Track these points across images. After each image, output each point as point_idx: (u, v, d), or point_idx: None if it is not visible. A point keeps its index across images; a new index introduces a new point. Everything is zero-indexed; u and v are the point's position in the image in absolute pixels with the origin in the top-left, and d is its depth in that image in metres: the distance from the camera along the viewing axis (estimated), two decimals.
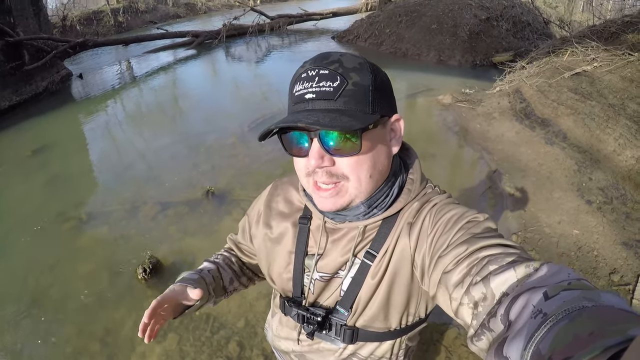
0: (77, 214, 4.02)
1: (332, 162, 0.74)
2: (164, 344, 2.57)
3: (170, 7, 20.87)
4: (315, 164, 0.72)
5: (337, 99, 0.69)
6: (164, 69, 10.42)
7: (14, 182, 4.84)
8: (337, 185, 0.76)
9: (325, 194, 0.77)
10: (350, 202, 0.79)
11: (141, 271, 3.10)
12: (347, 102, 0.70)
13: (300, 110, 0.71)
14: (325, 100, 0.69)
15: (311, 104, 0.70)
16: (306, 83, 0.71)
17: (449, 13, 10.41)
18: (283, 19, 14.52)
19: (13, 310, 2.93)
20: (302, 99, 0.71)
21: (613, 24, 6.47)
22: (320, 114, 0.68)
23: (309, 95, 0.70)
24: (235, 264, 1.14)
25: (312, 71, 0.71)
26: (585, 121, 4.66)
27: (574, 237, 3.26)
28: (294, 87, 0.74)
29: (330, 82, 0.69)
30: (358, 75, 0.71)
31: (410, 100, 6.96)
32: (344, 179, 0.75)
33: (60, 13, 14.89)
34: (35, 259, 3.47)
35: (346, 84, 0.69)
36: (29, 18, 8.43)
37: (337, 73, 0.70)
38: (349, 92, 0.70)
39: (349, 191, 0.77)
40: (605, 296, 0.42)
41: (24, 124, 6.74)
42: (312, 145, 0.72)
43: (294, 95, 0.73)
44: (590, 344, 0.34)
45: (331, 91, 0.69)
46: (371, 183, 0.77)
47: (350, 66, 0.71)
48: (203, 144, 5.53)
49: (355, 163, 0.74)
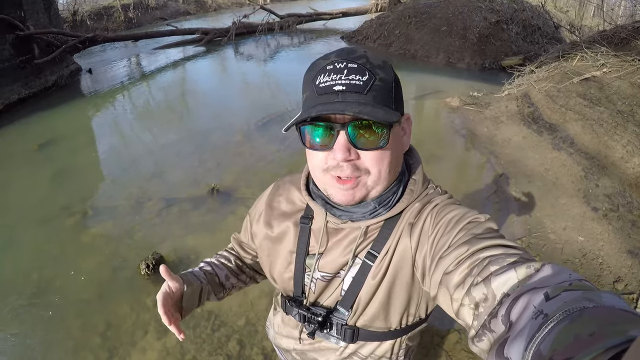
0: (82, 209, 4.05)
1: (357, 155, 0.74)
2: (164, 340, 2.58)
3: (180, 4, 20.97)
4: (343, 157, 0.72)
5: (367, 93, 0.70)
6: (172, 65, 10.48)
7: (20, 176, 4.88)
8: (357, 179, 0.76)
9: (346, 186, 0.77)
10: (367, 196, 0.80)
11: (144, 267, 3.11)
12: (376, 97, 0.70)
13: (332, 102, 0.70)
14: (356, 94, 0.70)
15: (341, 95, 0.70)
16: (333, 75, 0.71)
17: (459, 15, 10.39)
18: (292, 18, 14.54)
19: (16, 303, 2.95)
20: (330, 90, 0.71)
21: (623, 29, 6.42)
22: (357, 106, 0.68)
23: (338, 87, 0.70)
24: (233, 262, 1.14)
25: (339, 63, 0.71)
26: (594, 127, 4.62)
27: (578, 244, 3.23)
28: (317, 78, 0.73)
29: (360, 76, 0.70)
30: (383, 72, 0.72)
31: (419, 102, 6.95)
32: (366, 173, 0.76)
33: (70, 8, 15.00)
34: (39, 252, 3.50)
35: (374, 79, 0.70)
36: (39, 12, 8.50)
37: (366, 68, 0.70)
38: (377, 87, 0.71)
39: (368, 184, 0.77)
40: (606, 297, 0.42)
41: (32, 118, 6.80)
42: (338, 138, 0.72)
43: (318, 86, 0.72)
44: (591, 344, 0.34)
45: (361, 85, 0.70)
46: (388, 178, 0.79)
47: (376, 63, 0.72)
48: (209, 141, 5.56)
49: (379, 157, 0.75)
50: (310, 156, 0.80)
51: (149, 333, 2.64)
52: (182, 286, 0.92)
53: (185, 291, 0.92)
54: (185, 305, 0.93)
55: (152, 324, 2.70)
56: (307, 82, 0.76)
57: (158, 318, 2.72)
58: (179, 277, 0.92)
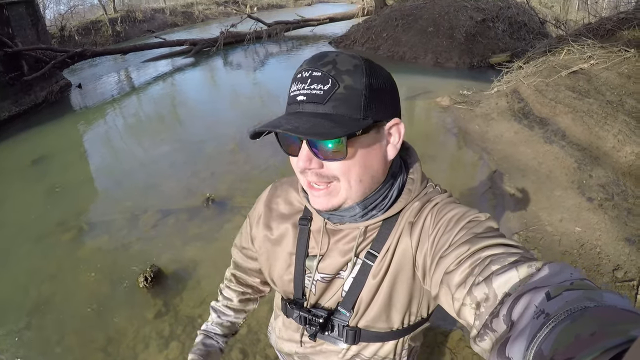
0: (77, 224, 4.02)
1: (321, 164, 0.73)
2: (166, 353, 2.56)
3: (167, 16, 20.99)
4: (303, 166, 0.72)
5: (326, 102, 0.68)
6: (162, 77, 10.46)
7: (14, 192, 4.85)
8: (329, 186, 0.75)
9: (318, 193, 0.76)
10: (343, 203, 0.78)
11: (142, 280, 3.09)
12: (337, 107, 0.68)
13: (291, 113, 0.71)
14: (314, 104, 0.68)
15: (301, 106, 0.70)
16: (300, 84, 0.70)
17: (445, 16, 10.46)
18: (280, 26, 14.59)
19: (14, 320, 2.92)
20: (295, 100, 0.71)
21: (608, 21, 6.50)
22: (305, 118, 0.67)
23: (300, 97, 0.70)
24: (236, 300, 1.19)
25: (306, 72, 0.70)
26: (584, 119, 4.66)
27: (576, 235, 3.25)
28: (290, 87, 0.73)
29: (321, 85, 0.68)
30: (351, 79, 0.69)
31: (409, 103, 6.98)
32: (335, 179, 0.74)
33: (58, 23, 14.99)
34: (36, 268, 3.47)
35: (337, 87, 0.68)
36: (27, 28, 8.49)
37: (329, 75, 0.68)
38: (339, 95, 0.68)
39: (341, 192, 0.76)
40: (607, 296, 0.42)
41: (23, 135, 6.76)
42: (302, 147, 0.72)
43: (289, 95, 0.73)
44: (592, 344, 0.33)
45: (321, 94, 0.68)
46: (361, 187, 0.76)
47: (344, 68, 0.69)
48: (202, 151, 5.54)
49: (343, 167, 0.73)
50: (290, 159, 0.79)
51: (150, 346, 2.62)
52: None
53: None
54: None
55: (153, 337, 2.68)
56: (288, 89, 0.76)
57: (159, 330, 2.70)
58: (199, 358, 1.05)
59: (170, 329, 2.74)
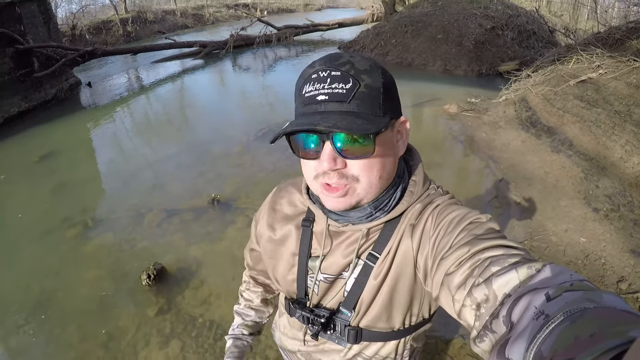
0: (83, 220, 4.04)
1: (344, 164, 0.73)
2: (166, 351, 2.57)
3: (178, 17, 21.17)
4: (328, 167, 0.71)
5: (351, 101, 0.69)
6: (171, 78, 10.54)
7: (20, 188, 4.89)
8: (347, 187, 0.75)
9: (335, 194, 0.76)
10: (359, 203, 0.78)
11: (145, 277, 3.10)
12: (360, 105, 0.69)
13: (313, 112, 0.70)
14: (339, 103, 0.69)
15: (324, 105, 0.69)
16: (317, 84, 0.70)
17: (455, 23, 10.47)
18: (290, 30, 14.67)
19: (17, 315, 2.94)
20: (314, 101, 0.70)
21: (618, 30, 6.47)
22: (337, 116, 0.67)
23: (321, 97, 0.69)
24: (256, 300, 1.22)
25: (323, 72, 0.70)
26: (592, 128, 4.63)
27: (581, 245, 3.23)
28: (303, 88, 0.73)
29: (343, 84, 0.69)
30: (369, 78, 0.70)
31: (417, 109, 6.97)
32: (355, 180, 0.75)
33: (69, 22, 15.15)
34: (40, 264, 3.50)
35: (358, 86, 0.69)
36: (38, 26, 8.59)
37: (349, 75, 0.69)
38: (362, 94, 0.69)
39: (358, 192, 0.76)
40: (607, 297, 0.42)
41: (32, 131, 6.83)
42: (324, 148, 0.72)
43: (304, 96, 0.72)
44: (591, 345, 0.33)
45: (344, 93, 0.68)
46: (380, 185, 0.77)
47: (362, 68, 0.70)
48: (209, 152, 5.57)
49: (366, 165, 0.73)
50: (302, 165, 0.79)
51: (151, 344, 2.63)
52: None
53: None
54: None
55: (153, 334, 2.69)
56: (296, 91, 0.75)
57: (160, 328, 2.71)
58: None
59: (171, 327, 2.75)
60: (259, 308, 1.21)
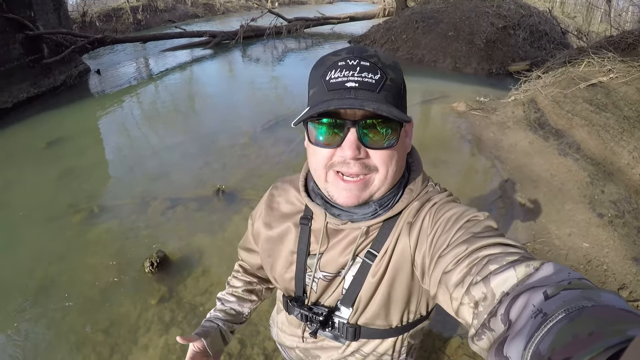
0: (88, 207, 4.07)
1: (367, 154, 0.74)
2: (166, 338, 2.59)
3: (188, 6, 21.11)
4: (352, 155, 0.71)
5: (380, 92, 0.69)
6: (180, 67, 10.54)
7: (27, 173, 4.92)
8: (365, 178, 0.76)
9: (351, 186, 0.76)
10: (371, 197, 0.79)
11: (148, 265, 3.12)
12: (387, 97, 0.70)
13: (344, 98, 0.69)
14: (369, 91, 0.69)
15: (353, 92, 0.69)
16: (345, 71, 0.70)
17: (466, 20, 10.38)
18: (300, 22, 14.60)
19: (20, 299, 2.97)
20: (342, 86, 0.70)
21: (630, 35, 6.38)
22: (372, 103, 0.68)
23: (351, 84, 0.69)
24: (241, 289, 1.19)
25: (352, 60, 0.71)
26: (600, 133, 4.60)
27: (583, 250, 3.21)
28: (327, 74, 0.72)
29: (372, 75, 0.69)
30: (394, 73, 0.72)
31: (425, 106, 6.94)
32: (375, 171, 0.75)
33: (80, 9, 15.14)
34: (44, 249, 3.53)
35: (385, 79, 0.70)
36: (49, 13, 8.59)
37: (378, 67, 0.70)
38: (388, 87, 0.70)
39: (375, 183, 0.77)
40: (605, 295, 0.42)
41: (40, 116, 6.86)
42: (348, 136, 0.72)
43: (329, 82, 0.71)
44: (590, 344, 0.34)
45: (373, 83, 0.69)
46: (394, 178, 0.79)
47: (387, 62, 0.72)
48: (215, 143, 5.58)
49: (388, 156, 0.74)
50: (313, 152, 0.78)
51: (151, 330, 2.65)
52: (202, 341, 1.01)
53: (205, 342, 1.01)
54: (212, 351, 1.03)
55: (154, 322, 2.72)
56: (315, 77, 0.75)
57: (161, 315, 2.72)
58: (195, 336, 1.01)
59: (172, 314, 2.77)
60: (242, 296, 1.19)
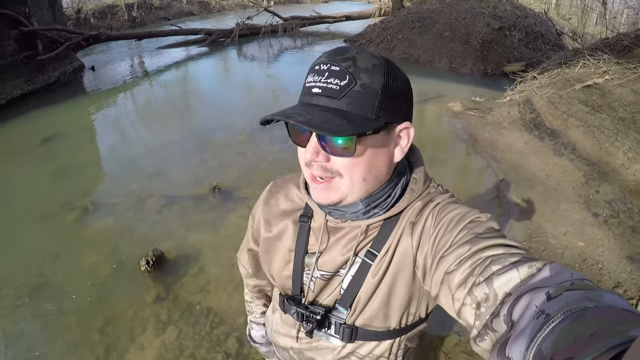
0: (83, 204, 4.04)
1: (327, 158, 0.73)
2: (163, 337, 2.58)
3: (184, 4, 20.99)
4: (310, 158, 0.72)
5: (341, 98, 0.68)
6: (175, 65, 10.49)
7: (21, 171, 4.88)
8: (331, 181, 0.75)
9: (319, 186, 0.76)
10: (343, 199, 0.78)
11: (144, 263, 3.11)
12: (351, 104, 0.68)
13: (303, 103, 0.71)
14: (329, 98, 0.68)
15: (315, 98, 0.69)
16: (316, 76, 0.70)
17: (462, 21, 10.41)
18: (296, 21, 14.57)
19: (14, 298, 2.94)
20: (309, 92, 0.71)
21: (626, 37, 6.44)
22: (318, 111, 0.67)
23: (316, 90, 0.70)
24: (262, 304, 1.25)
25: (324, 65, 0.70)
26: (595, 134, 4.63)
27: (579, 249, 3.24)
28: (306, 77, 0.73)
29: (338, 80, 0.68)
30: (369, 77, 0.69)
31: (421, 106, 6.95)
32: (338, 175, 0.75)
33: (75, 5, 15.00)
34: (39, 247, 3.50)
35: (354, 85, 0.68)
36: (43, 9, 8.51)
37: (348, 72, 0.68)
38: (355, 93, 0.68)
39: (341, 188, 0.76)
40: (607, 296, 0.42)
41: (34, 113, 6.79)
42: (311, 139, 0.72)
43: (305, 86, 0.73)
44: (592, 344, 0.34)
45: (337, 90, 0.68)
46: (364, 186, 0.76)
47: (363, 66, 0.69)
48: (212, 140, 5.56)
49: (348, 164, 0.73)
50: (298, 150, 0.79)
51: (148, 329, 2.64)
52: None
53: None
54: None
55: (150, 321, 2.71)
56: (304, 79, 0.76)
57: (157, 314, 2.71)
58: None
59: (168, 313, 2.76)
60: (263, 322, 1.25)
